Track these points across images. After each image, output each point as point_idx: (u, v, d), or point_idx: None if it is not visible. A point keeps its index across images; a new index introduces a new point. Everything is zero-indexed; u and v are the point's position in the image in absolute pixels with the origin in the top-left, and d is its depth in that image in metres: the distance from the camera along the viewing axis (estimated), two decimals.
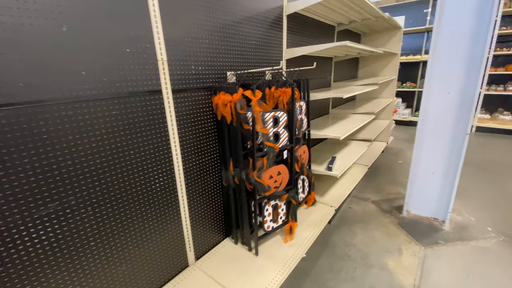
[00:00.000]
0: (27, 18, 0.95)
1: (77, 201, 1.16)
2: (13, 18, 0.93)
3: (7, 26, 0.92)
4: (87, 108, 1.14)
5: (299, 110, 2.06)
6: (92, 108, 1.15)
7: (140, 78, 1.31)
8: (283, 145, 1.79)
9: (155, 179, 1.46)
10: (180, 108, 1.53)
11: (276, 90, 1.89)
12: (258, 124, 1.54)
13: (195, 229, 1.76)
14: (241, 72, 1.83)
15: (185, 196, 1.64)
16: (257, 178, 1.63)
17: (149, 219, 1.47)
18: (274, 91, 1.89)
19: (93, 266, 1.25)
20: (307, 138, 2.32)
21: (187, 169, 1.63)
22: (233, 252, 1.86)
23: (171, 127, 1.49)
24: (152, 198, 1.46)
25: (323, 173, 2.40)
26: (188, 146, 1.62)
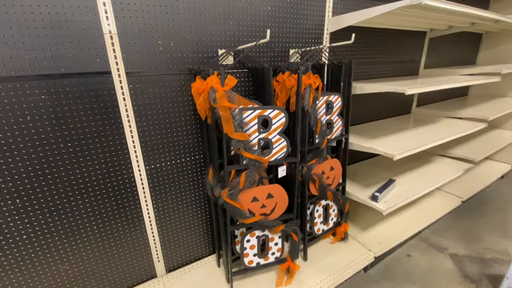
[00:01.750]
0: None
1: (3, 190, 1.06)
2: None
3: None
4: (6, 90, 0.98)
5: (324, 108, 1.41)
6: (11, 90, 0.99)
7: (77, 55, 1.06)
8: (277, 158, 1.25)
9: (103, 179, 1.24)
10: (142, 95, 1.22)
11: (289, 77, 1.32)
12: (226, 125, 1.06)
13: (166, 239, 1.50)
14: (239, 49, 1.34)
15: (149, 200, 1.38)
16: (227, 199, 1.19)
17: (98, 222, 1.28)
18: (287, 78, 1.32)
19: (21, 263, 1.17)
20: (343, 149, 1.63)
21: (152, 170, 1.35)
22: (210, 277, 1.51)
23: (127, 119, 1.21)
24: (101, 196, 1.26)
25: (364, 202, 1.67)
26: (155, 144, 1.32)
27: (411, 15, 1.57)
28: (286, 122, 1.20)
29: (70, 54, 1.05)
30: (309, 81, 1.27)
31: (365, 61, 1.98)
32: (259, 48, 1.45)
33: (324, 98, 1.40)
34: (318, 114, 1.39)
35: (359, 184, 1.85)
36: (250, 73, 1.47)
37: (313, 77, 1.29)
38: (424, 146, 1.60)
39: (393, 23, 1.84)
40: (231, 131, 1.08)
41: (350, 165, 2.18)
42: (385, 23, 1.80)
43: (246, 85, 1.48)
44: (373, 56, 2.01)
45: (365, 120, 2.20)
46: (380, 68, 2.10)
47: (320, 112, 1.40)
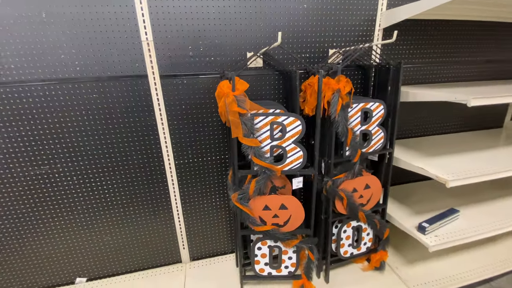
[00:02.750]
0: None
1: (64, 170, 1.33)
2: None
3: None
4: (67, 89, 1.22)
5: (359, 117, 1.23)
6: (71, 90, 1.23)
7: (121, 61, 1.23)
8: (291, 168, 1.16)
9: (140, 166, 1.41)
10: (173, 97, 1.33)
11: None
12: (235, 130, 1.05)
13: (191, 229, 1.61)
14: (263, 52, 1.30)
15: (177, 192, 1.50)
16: (237, 202, 1.18)
17: (134, 203, 1.48)
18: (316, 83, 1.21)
19: (77, 227, 1.44)
20: (386, 165, 1.40)
21: (181, 165, 1.46)
22: (226, 274, 1.55)
23: (160, 118, 1.34)
24: (138, 183, 1.44)
25: (407, 231, 1.39)
26: (184, 142, 1.42)
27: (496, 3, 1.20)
28: (303, 130, 1.10)
29: (115, 60, 1.22)
30: (338, 85, 1.13)
31: (436, 61, 1.62)
32: (293, 49, 1.37)
33: (359, 105, 1.22)
34: (351, 123, 1.22)
35: (409, 209, 1.55)
36: (281, 76, 1.41)
37: (344, 81, 1.14)
38: (502, 172, 1.21)
39: (471, 13, 1.44)
40: (240, 136, 1.06)
41: (404, 184, 1.85)
42: (463, 13, 1.42)
43: (276, 88, 1.43)
44: (448, 54, 1.63)
45: (433, 132, 1.82)
46: (458, 69, 1.69)
47: (353, 121, 1.23)
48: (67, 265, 1.51)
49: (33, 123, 1.23)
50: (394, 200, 1.65)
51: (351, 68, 1.50)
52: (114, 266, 1.58)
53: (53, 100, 1.22)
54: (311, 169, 1.20)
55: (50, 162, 1.31)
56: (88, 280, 1.57)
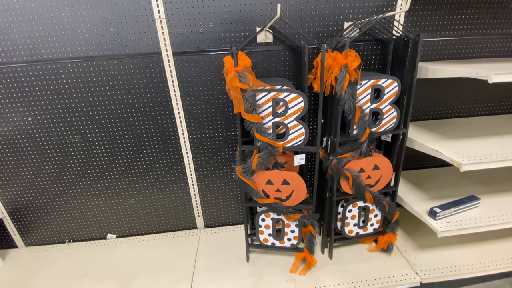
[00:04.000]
0: None
1: (93, 139, 1.50)
2: None
3: None
4: (92, 66, 1.35)
5: (369, 94, 1.18)
6: (96, 67, 1.35)
7: (137, 39, 1.31)
8: (293, 145, 1.17)
9: (158, 140, 1.53)
10: (186, 73, 1.39)
11: None
12: (237, 105, 1.08)
13: (206, 199, 1.73)
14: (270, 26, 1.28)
15: (192, 164, 1.61)
16: (241, 175, 1.24)
17: (154, 172, 1.62)
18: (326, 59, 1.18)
19: (105, 190, 1.64)
20: (399, 146, 1.34)
21: (194, 140, 1.55)
22: (236, 241, 1.66)
23: (174, 94, 1.42)
24: (156, 153, 1.58)
25: (418, 216, 1.35)
26: (197, 117, 1.49)
27: None
28: (305, 107, 1.10)
29: (131, 38, 1.30)
30: (345, 60, 1.08)
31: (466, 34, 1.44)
32: (304, 22, 1.33)
33: (369, 82, 1.17)
34: (359, 100, 1.18)
35: (424, 194, 1.48)
36: (292, 52, 1.38)
37: (352, 56, 1.09)
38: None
39: None
40: (242, 111, 1.10)
41: (424, 169, 1.75)
42: None
43: (286, 65, 1.41)
44: (480, 26, 1.43)
45: (456, 114, 1.66)
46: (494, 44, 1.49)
47: (362, 98, 1.18)
48: (100, 223, 1.74)
49: (66, 97, 1.40)
50: (409, 184, 1.58)
51: (371, 42, 1.41)
52: (138, 227, 1.78)
53: (81, 76, 1.36)
54: (314, 147, 1.20)
55: (81, 133, 1.48)
56: (118, 237, 1.80)
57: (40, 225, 1.71)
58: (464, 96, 1.61)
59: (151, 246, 1.70)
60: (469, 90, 1.60)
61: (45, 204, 1.65)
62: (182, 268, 1.50)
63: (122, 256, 1.63)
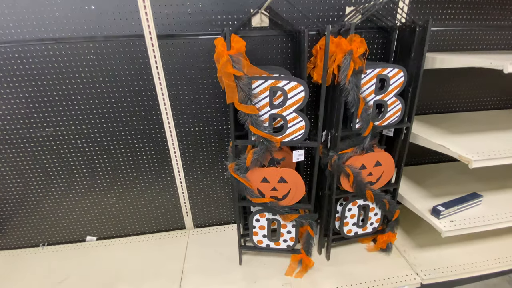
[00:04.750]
0: None
1: (68, 133, 1.35)
2: None
3: None
4: (65, 49, 1.19)
5: (373, 85, 1.09)
6: (69, 50, 1.19)
7: (116, 19, 1.16)
8: (292, 140, 1.07)
9: (141, 134, 1.39)
10: (172, 59, 1.25)
11: None
12: (230, 94, 0.96)
13: (195, 197, 1.61)
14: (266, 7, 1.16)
15: (179, 161, 1.48)
16: (234, 173, 1.13)
17: (137, 169, 1.49)
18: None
19: (84, 189, 1.49)
20: (402, 141, 1.26)
21: (182, 134, 1.42)
22: (227, 242, 1.56)
23: (158, 83, 1.28)
24: (140, 148, 1.44)
25: (420, 214, 1.29)
26: (184, 109, 1.36)
27: None
28: (306, 97, 0.99)
29: (110, 18, 1.15)
30: (350, 46, 0.98)
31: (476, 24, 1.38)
32: (302, 6, 1.21)
33: (375, 71, 1.07)
34: (363, 91, 1.08)
35: (425, 191, 1.42)
36: (289, 38, 1.27)
37: (357, 42, 0.99)
38: None
39: None
40: (236, 101, 0.98)
41: (423, 165, 1.69)
42: None
43: (284, 52, 1.29)
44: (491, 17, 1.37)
45: (463, 108, 1.61)
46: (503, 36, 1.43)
47: (366, 89, 1.09)
48: (78, 224, 1.59)
49: (34, 85, 1.23)
50: (409, 180, 1.52)
51: (373, 30, 1.31)
52: (121, 228, 1.65)
53: (51, 60, 1.20)
54: (314, 141, 1.10)
55: (54, 125, 1.32)
56: (98, 239, 1.66)
57: (10, 227, 1.54)
58: (469, 89, 1.56)
59: (135, 248, 1.57)
60: (474, 82, 1.54)
61: (16, 204, 1.48)
62: (169, 271, 1.39)
63: (103, 260, 1.49)
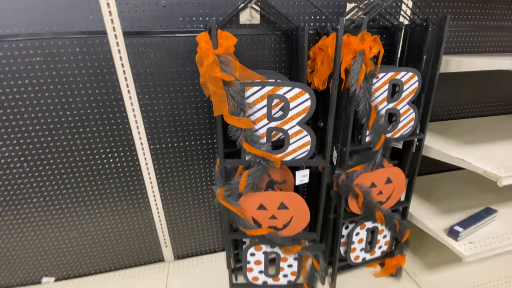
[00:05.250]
0: None
1: (12, 153, 1.07)
2: None
3: None
4: (3, 50, 0.92)
5: (386, 91, 0.94)
6: (8, 51, 0.93)
7: (69, 11, 0.92)
8: (295, 158, 0.88)
9: (107, 152, 1.14)
10: (143, 61, 1.03)
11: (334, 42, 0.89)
12: (218, 104, 0.76)
13: (174, 225, 1.37)
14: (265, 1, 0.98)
15: (155, 183, 1.24)
16: (223, 201, 0.92)
17: (103, 195, 1.22)
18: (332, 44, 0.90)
19: (36, 222, 1.20)
20: (414, 154, 1.12)
21: (158, 151, 1.18)
22: (215, 276, 1.32)
23: (127, 90, 1.05)
24: (105, 169, 1.18)
25: (435, 236, 1.14)
26: (160, 121, 1.13)
27: None
28: (312, 107, 0.81)
29: (61, 10, 0.91)
30: (362, 45, 0.82)
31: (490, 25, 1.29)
32: (299, 3, 1.04)
33: (387, 75, 0.92)
34: (375, 99, 0.92)
35: (434, 207, 1.29)
36: (284, 37, 1.09)
37: (369, 40, 0.83)
38: None
39: None
40: (225, 113, 0.77)
41: (424, 176, 1.58)
42: None
43: (277, 54, 1.12)
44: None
45: (475, 113, 1.52)
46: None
47: (378, 96, 0.93)
48: (31, 264, 1.29)
49: None
50: (415, 195, 1.38)
51: (373, 30, 1.17)
52: (86, 265, 1.36)
53: None
54: (321, 159, 0.92)
55: None
56: (57, 280, 1.36)
57: None
58: (471, 93, 1.47)
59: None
60: (479, 86, 1.45)
61: None
62: None
63: None
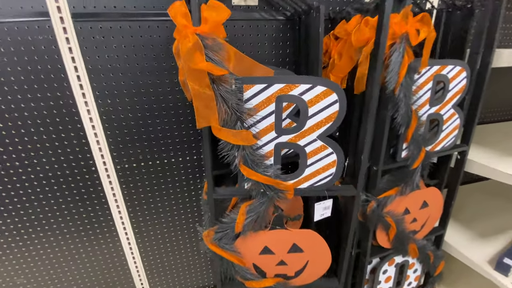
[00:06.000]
0: None
1: None
2: None
3: None
4: None
5: (429, 91, 0.71)
6: None
7: None
8: (313, 185, 0.63)
9: (56, 174, 0.86)
10: (101, 53, 0.76)
11: (358, 27, 0.66)
12: (202, 110, 0.50)
13: (152, 260, 1.09)
14: None
15: (124, 211, 0.96)
16: (213, 245, 0.65)
17: (55, 229, 0.93)
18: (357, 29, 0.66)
19: None
20: (454, 170, 0.89)
21: (126, 171, 0.91)
22: None
23: (80, 93, 0.77)
24: (56, 197, 0.90)
25: (478, 270, 0.91)
26: (128, 133, 0.86)
27: None
28: (341, 113, 0.56)
29: None
30: (406, 27, 0.59)
31: None
32: None
33: (431, 69, 0.69)
34: (415, 101, 0.69)
35: (465, 229, 1.07)
36: (288, 24, 0.85)
37: (413, 21, 0.60)
38: None
39: None
40: (213, 123, 0.52)
41: None
42: None
43: (280, 46, 0.87)
44: None
45: (488, 118, 1.33)
46: None
47: (420, 97, 0.70)
48: None
49: None
50: None
51: None
52: None
53: None
54: (349, 186, 0.67)
55: None
56: None
57: None
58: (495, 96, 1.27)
59: None
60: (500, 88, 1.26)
61: None
62: None
63: None
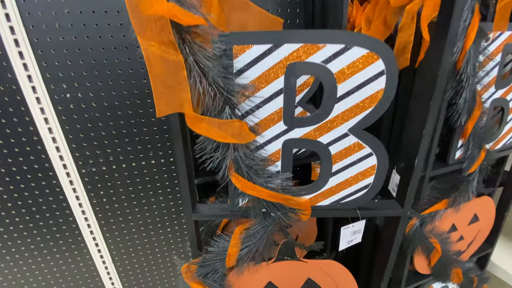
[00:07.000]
0: None
1: None
2: None
3: None
4: None
5: (499, 66, 0.50)
6: None
7: None
8: (342, 199, 0.44)
9: (7, 183, 0.67)
10: (49, 27, 0.57)
11: None
12: (166, 90, 0.31)
13: (132, 277, 0.91)
14: None
15: (94, 221, 0.78)
16: (195, 284, 0.47)
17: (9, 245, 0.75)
18: None
19: None
20: (510, 173, 0.70)
21: (93, 175, 0.72)
22: None
23: (26, 79, 0.58)
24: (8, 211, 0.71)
25: None
26: (93, 125, 0.67)
27: None
28: (390, 91, 0.36)
29: None
30: None
31: None
32: None
33: (502, 36, 0.49)
34: (482, 80, 0.49)
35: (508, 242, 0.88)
36: None
37: None
38: None
39: None
40: (186, 109, 0.32)
41: None
42: None
43: (290, 7, 0.67)
44: None
45: None
46: None
47: (486, 75, 0.50)
48: None
49: None
50: None
51: None
52: None
53: None
54: (390, 201, 0.48)
55: None
56: None
57: None
58: None
59: None
60: None
61: None
62: None
63: None
